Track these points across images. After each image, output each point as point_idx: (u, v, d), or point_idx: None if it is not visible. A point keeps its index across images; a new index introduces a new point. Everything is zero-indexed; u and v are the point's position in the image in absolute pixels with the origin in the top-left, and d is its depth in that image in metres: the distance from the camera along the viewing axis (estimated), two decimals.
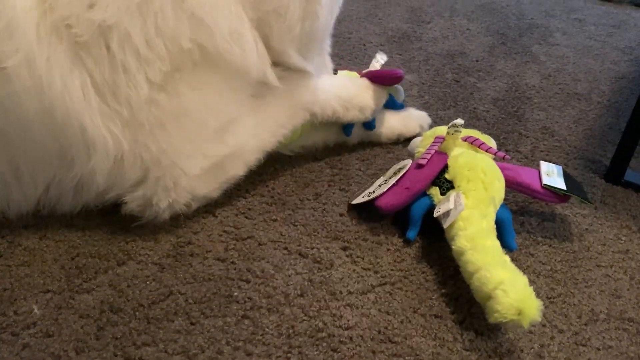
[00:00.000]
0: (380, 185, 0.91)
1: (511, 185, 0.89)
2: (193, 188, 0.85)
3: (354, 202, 0.92)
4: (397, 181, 0.89)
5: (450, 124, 0.90)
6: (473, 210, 0.80)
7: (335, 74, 1.12)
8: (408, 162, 0.92)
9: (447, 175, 0.87)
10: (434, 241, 0.86)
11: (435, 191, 0.87)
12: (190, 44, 0.78)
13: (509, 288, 0.68)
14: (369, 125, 1.08)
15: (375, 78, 1.06)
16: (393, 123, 1.11)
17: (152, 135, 0.79)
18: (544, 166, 0.91)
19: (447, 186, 0.86)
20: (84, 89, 0.74)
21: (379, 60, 1.13)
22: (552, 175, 0.89)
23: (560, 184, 0.87)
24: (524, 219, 0.93)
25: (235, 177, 0.91)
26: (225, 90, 0.85)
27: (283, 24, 0.88)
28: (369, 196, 0.90)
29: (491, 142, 0.95)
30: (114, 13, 0.72)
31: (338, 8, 0.98)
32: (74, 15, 0.71)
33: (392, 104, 1.13)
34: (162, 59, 0.76)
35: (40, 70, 0.70)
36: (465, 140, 0.92)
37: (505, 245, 0.85)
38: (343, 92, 1.02)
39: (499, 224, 0.84)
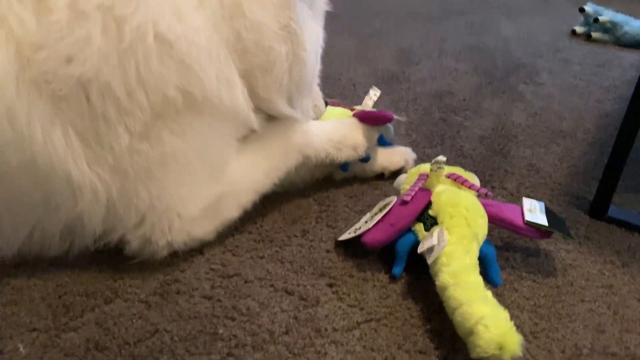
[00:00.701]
0: (366, 222, 0.93)
1: (494, 221, 0.90)
2: (189, 231, 0.86)
3: (341, 238, 0.94)
4: (382, 217, 0.90)
5: (432, 161, 0.92)
6: (456, 246, 0.82)
7: (326, 105, 1.15)
8: (393, 199, 0.94)
9: (430, 212, 0.88)
10: (420, 277, 0.87)
11: (419, 227, 0.89)
12: (175, 91, 0.78)
13: (490, 323, 0.69)
14: (364, 159, 1.10)
15: (366, 119, 1.09)
16: (378, 157, 1.13)
17: (140, 182, 0.80)
18: (527, 203, 0.93)
19: (431, 222, 0.88)
20: (66, 137, 0.74)
21: (371, 97, 1.16)
22: (534, 211, 0.91)
23: (542, 220, 0.89)
24: (508, 255, 0.94)
25: (230, 219, 0.92)
26: (210, 134, 0.86)
27: (270, 76, 0.90)
28: (355, 232, 0.91)
29: (474, 179, 0.97)
30: (93, 65, 0.73)
31: (321, 48, 1.01)
32: (51, 71, 0.72)
33: (381, 142, 1.16)
34: (143, 109, 0.76)
35: (21, 124, 0.71)
36: (448, 177, 0.94)
37: (490, 281, 0.87)
38: (334, 134, 1.05)
39: (483, 260, 0.85)
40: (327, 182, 1.11)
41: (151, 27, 0.75)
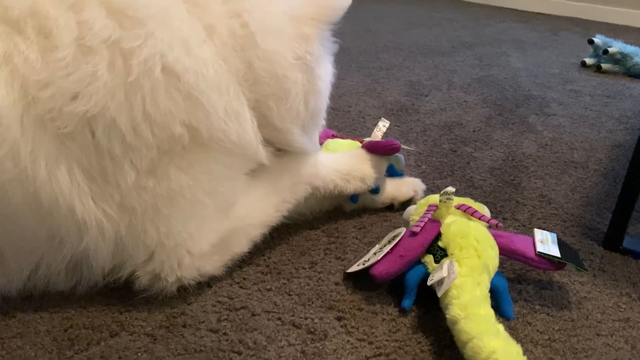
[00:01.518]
0: (375, 254, 0.91)
1: (505, 252, 0.89)
2: (199, 267, 0.85)
3: (350, 270, 0.93)
4: (391, 249, 0.89)
5: (441, 192, 0.91)
6: (466, 278, 0.80)
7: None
8: (402, 230, 0.93)
9: (440, 243, 0.87)
10: (430, 310, 0.85)
11: (429, 259, 0.87)
12: (181, 127, 0.77)
13: (501, 357, 0.67)
14: (374, 190, 1.10)
15: (374, 149, 1.09)
16: (387, 188, 1.13)
17: (148, 219, 0.79)
18: (538, 234, 0.91)
19: (440, 254, 0.86)
20: (71, 174, 0.73)
21: (380, 128, 1.17)
22: (546, 242, 0.89)
23: (555, 252, 0.87)
24: (521, 287, 0.92)
25: (240, 253, 0.91)
26: (218, 169, 0.85)
27: (285, 105, 0.89)
28: (364, 264, 0.90)
29: (484, 210, 0.95)
30: (99, 101, 0.72)
31: (330, 84, 1.00)
32: (57, 109, 0.71)
33: (391, 172, 1.15)
34: (149, 145, 0.75)
35: (25, 162, 0.70)
36: (458, 208, 0.93)
37: (502, 314, 0.85)
38: (342, 166, 1.05)
39: (495, 292, 0.84)
40: (336, 214, 1.10)
41: (159, 59, 0.74)
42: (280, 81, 0.87)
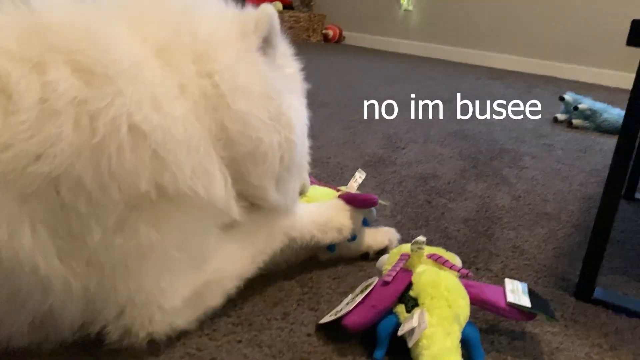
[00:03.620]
0: (347, 304, 0.91)
1: (476, 302, 0.89)
2: (171, 322, 0.83)
3: (322, 321, 0.92)
4: (363, 299, 0.89)
5: (413, 241, 0.92)
6: (437, 328, 0.80)
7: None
8: (375, 280, 0.93)
9: (411, 293, 0.87)
10: None
11: (401, 309, 0.87)
12: (148, 185, 0.75)
13: None
14: (350, 238, 1.10)
15: (351, 202, 1.10)
16: (363, 236, 1.13)
17: (117, 276, 0.77)
18: (509, 284, 0.92)
19: (412, 303, 0.86)
20: (34, 233, 0.70)
21: (357, 179, 1.18)
22: (516, 292, 0.90)
23: (525, 302, 0.88)
24: (493, 338, 0.92)
25: (214, 307, 0.89)
26: (188, 223, 0.83)
27: (263, 167, 0.88)
28: (337, 315, 0.90)
29: (455, 260, 0.96)
30: (63, 161, 0.70)
31: (306, 126, 1.01)
32: (19, 169, 0.69)
33: (362, 223, 1.16)
34: (115, 202, 0.73)
35: None
36: (429, 258, 0.93)
37: None
38: (319, 217, 1.05)
39: (467, 343, 0.83)
40: (311, 263, 1.10)
41: (125, 119, 0.73)
42: (255, 143, 0.87)
